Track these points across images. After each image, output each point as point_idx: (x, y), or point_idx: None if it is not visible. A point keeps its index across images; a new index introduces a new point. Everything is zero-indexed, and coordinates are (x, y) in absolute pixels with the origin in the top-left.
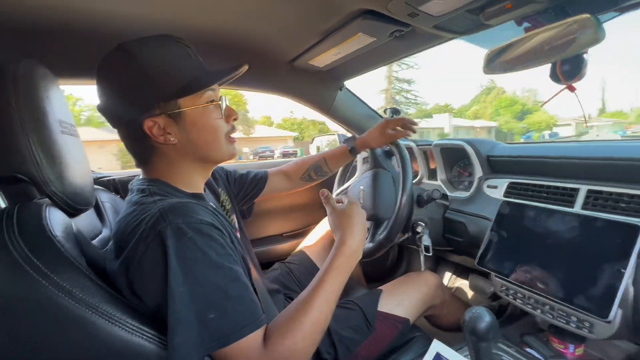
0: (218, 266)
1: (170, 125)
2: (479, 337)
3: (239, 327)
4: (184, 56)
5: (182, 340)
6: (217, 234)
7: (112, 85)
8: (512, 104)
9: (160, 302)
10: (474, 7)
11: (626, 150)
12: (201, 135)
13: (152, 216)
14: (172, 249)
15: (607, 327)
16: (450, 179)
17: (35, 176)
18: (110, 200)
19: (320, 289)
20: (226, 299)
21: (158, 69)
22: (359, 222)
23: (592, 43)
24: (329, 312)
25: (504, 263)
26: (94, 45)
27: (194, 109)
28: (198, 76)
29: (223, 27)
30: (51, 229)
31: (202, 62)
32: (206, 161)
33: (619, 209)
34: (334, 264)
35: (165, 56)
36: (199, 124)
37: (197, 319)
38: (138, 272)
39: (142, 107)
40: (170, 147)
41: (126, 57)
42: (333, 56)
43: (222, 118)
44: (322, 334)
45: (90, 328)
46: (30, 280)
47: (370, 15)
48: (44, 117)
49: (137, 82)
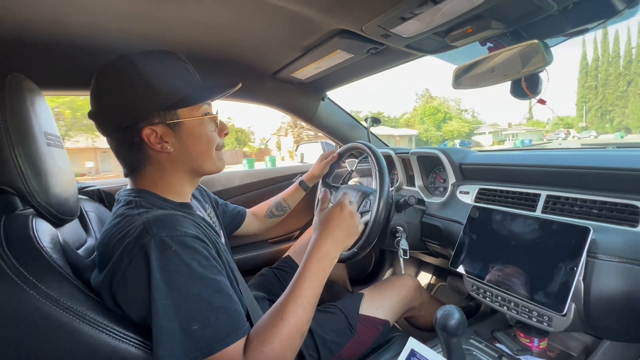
0: (201, 277)
1: (167, 134)
2: (449, 333)
3: (222, 337)
4: (183, 71)
5: (166, 352)
6: (200, 246)
7: (114, 91)
8: (434, 113)
9: (145, 314)
10: (440, 30)
11: (581, 159)
12: (196, 146)
13: (136, 229)
14: (155, 261)
15: (563, 320)
16: (427, 185)
17: (21, 188)
18: (95, 209)
19: (295, 294)
20: (209, 310)
21: (160, 80)
22: (339, 224)
23: (541, 65)
24: (307, 317)
25: (475, 264)
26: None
27: (192, 120)
28: (197, 90)
29: (209, 41)
30: (38, 240)
31: (199, 78)
32: (197, 172)
33: (573, 213)
34: (306, 268)
35: (167, 68)
36: (195, 135)
37: (181, 330)
38: (122, 285)
39: (142, 115)
40: (164, 155)
41: (130, 66)
42: (314, 69)
43: (215, 131)
44: (301, 338)
45: (77, 336)
46: (17, 290)
47: (347, 35)
48: (30, 129)
49: (139, 90)
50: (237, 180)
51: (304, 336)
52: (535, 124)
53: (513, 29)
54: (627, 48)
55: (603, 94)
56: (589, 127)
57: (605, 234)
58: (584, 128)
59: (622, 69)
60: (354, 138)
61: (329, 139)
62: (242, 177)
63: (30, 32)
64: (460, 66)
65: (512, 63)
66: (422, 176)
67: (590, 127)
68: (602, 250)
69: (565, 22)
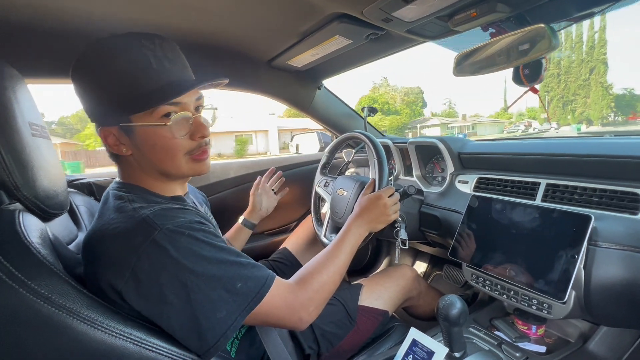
0: (222, 248)
1: (123, 137)
2: (451, 323)
3: (262, 283)
4: (143, 64)
5: (224, 313)
6: (206, 227)
7: (78, 90)
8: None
9: (165, 304)
10: (443, 14)
11: (580, 147)
12: (154, 153)
13: (137, 226)
14: (174, 250)
15: (563, 308)
16: (424, 175)
17: (6, 181)
18: (86, 203)
19: (332, 254)
20: (242, 268)
21: (111, 79)
22: (374, 210)
23: (547, 50)
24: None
25: (474, 253)
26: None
27: (145, 126)
28: (155, 90)
29: (201, 27)
30: (26, 235)
31: (167, 69)
32: (166, 176)
33: (573, 201)
34: (344, 234)
35: (122, 64)
36: (149, 142)
37: (228, 292)
38: (132, 283)
39: (97, 116)
40: (129, 157)
41: (85, 64)
42: (311, 57)
43: (183, 136)
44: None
45: (72, 334)
46: (6, 288)
47: (347, 19)
48: (13, 119)
49: (92, 91)
50: (232, 171)
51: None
52: (500, 116)
53: (518, 12)
54: (589, 33)
55: (565, 82)
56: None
57: (605, 222)
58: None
59: (585, 55)
60: (351, 128)
61: (325, 128)
62: (238, 168)
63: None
64: (461, 52)
65: (516, 48)
66: (420, 166)
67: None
68: (602, 238)
69: (571, 6)
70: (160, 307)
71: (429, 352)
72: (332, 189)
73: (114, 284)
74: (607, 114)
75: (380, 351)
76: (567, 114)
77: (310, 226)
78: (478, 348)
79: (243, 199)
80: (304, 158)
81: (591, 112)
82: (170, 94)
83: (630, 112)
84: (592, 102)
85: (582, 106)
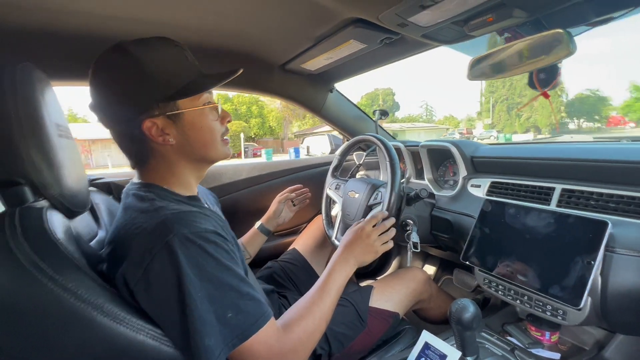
0: (228, 268)
1: (168, 126)
2: (464, 327)
3: (253, 321)
4: (181, 59)
5: (212, 341)
6: (221, 241)
7: (110, 83)
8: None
9: (169, 310)
10: (459, 19)
11: (597, 152)
12: (199, 136)
13: (156, 226)
14: (183, 257)
15: (578, 315)
16: (436, 178)
17: (34, 180)
18: (105, 202)
19: (320, 293)
20: (239, 297)
21: (157, 70)
22: (358, 243)
23: (564, 55)
24: (327, 315)
25: (486, 257)
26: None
27: (193, 111)
28: (196, 79)
29: (217, 31)
30: (53, 232)
31: (198, 66)
32: (202, 161)
33: (589, 206)
34: (331, 272)
35: (164, 57)
36: (197, 125)
37: (217, 319)
38: (143, 282)
39: (141, 108)
40: (167, 147)
41: (125, 56)
42: (325, 60)
43: (218, 120)
44: (320, 334)
45: (95, 328)
46: (36, 283)
47: (362, 24)
48: (42, 120)
49: (136, 82)
50: (244, 173)
51: (322, 332)
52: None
53: (534, 17)
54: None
55: (511, 80)
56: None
57: (622, 228)
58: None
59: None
60: (362, 131)
61: (336, 131)
62: (250, 170)
63: (36, 21)
64: (476, 57)
65: (532, 53)
66: (431, 169)
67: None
68: (620, 245)
69: (589, 11)
70: (163, 312)
71: (442, 355)
72: (343, 192)
73: (128, 282)
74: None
75: (391, 354)
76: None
77: (319, 227)
78: (491, 353)
79: (254, 200)
80: (315, 160)
81: (538, 117)
82: (211, 82)
83: (610, 116)
84: (539, 105)
85: (529, 110)
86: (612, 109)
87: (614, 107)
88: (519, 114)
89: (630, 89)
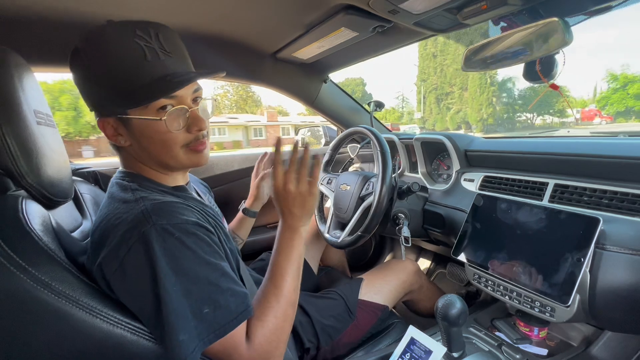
0: (207, 262)
1: (120, 127)
2: (450, 323)
3: (232, 318)
4: (138, 57)
5: (186, 336)
6: (202, 232)
7: (75, 78)
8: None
9: (144, 303)
10: (452, 6)
11: (591, 147)
12: (151, 145)
13: (135, 217)
14: (159, 249)
15: (566, 311)
16: (429, 172)
17: (10, 168)
18: (90, 192)
19: (277, 270)
20: (218, 292)
21: (106, 71)
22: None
23: (561, 45)
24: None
25: (477, 253)
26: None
27: (141, 119)
28: (146, 85)
29: (206, 17)
30: (28, 222)
31: (161, 61)
32: (165, 167)
33: (582, 202)
34: (279, 246)
35: (116, 56)
36: (146, 135)
37: (193, 314)
38: (119, 274)
39: (95, 106)
40: (128, 148)
41: (78, 58)
42: (317, 49)
43: (180, 130)
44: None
45: (71, 321)
46: (7, 273)
47: (353, 11)
48: (18, 107)
49: (88, 82)
50: (236, 164)
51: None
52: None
53: (530, 5)
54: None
55: (441, 65)
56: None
57: (615, 225)
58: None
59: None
60: (357, 122)
61: (330, 123)
62: (242, 160)
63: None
64: (471, 47)
65: (528, 43)
66: (425, 162)
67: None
68: (610, 242)
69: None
70: (138, 304)
71: (427, 351)
72: (335, 186)
73: (105, 272)
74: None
75: (378, 348)
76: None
77: (312, 220)
78: (477, 348)
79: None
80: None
81: (468, 110)
82: (165, 89)
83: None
84: (469, 95)
85: (459, 102)
86: (581, 104)
87: (582, 102)
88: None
89: (608, 79)
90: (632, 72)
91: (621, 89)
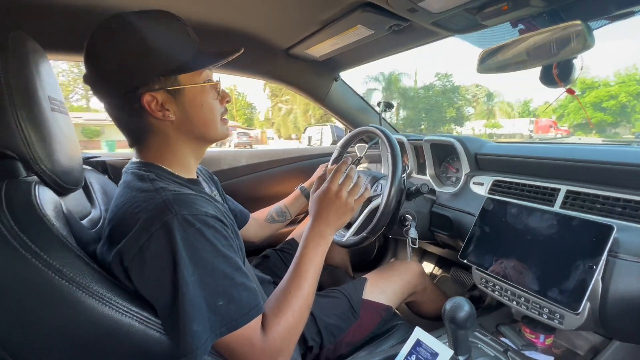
0: (224, 255)
1: (169, 101)
2: (458, 325)
3: (245, 312)
4: (183, 34)
5: (200, 327)
6: (219, 226)
7: (109, 54)
8: None
9: (161, 291)
10: (472, 6)
11: (604, 154)
12: (199, 114)
13: (157, 206)
14: (180, 239)
15: (576, 319)
16: (438, 174)
17: (24, 153)
18: (99, 181)
19: (299, 271)
20: (233, 286)
21: (159, 43)
22: (327, 207)
23: (582, 49)
24: (311, 290)
25: (485, 257)
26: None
27: (194, 87)
28: (198, 55)
29: (221, 10)
30: (41, 207)
31: (199, 43)
32: (202, 140)
33: (594, 209)
34: (305, 247)
35: (166, 31)
36: (197, 102)
37: (207, 306)
38: (138, 262)
39: (141, 81)
40: (167, 124)
41: (126, 26)
42: (330, 46)
43: (217, 99)
44: (308, 309)
45: (80, 307)
46: (19, 257)
47: (370, 8)
48: (34, 92)
49: (137, 54)
50: (243, 159)
51: (310, 308)
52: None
53: (552, 8)
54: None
55: None
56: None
57: (628, 233)
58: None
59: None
60: (365, 122)
61: (339, 121)
62: (249, 156)
63: None
64: (486, 49)
65: (547, 46)
66: (434, 165)
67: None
68: (624, 250)
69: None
70: (155, 292)
71: (433, 353)
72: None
73: (123, 259)
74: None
75: (381, 349)
76: (407, 125)
77: None
78: (483, 353)
79: (253, 187)
80: (316, 150)
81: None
82: (220, 57)
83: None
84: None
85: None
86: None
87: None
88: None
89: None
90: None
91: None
